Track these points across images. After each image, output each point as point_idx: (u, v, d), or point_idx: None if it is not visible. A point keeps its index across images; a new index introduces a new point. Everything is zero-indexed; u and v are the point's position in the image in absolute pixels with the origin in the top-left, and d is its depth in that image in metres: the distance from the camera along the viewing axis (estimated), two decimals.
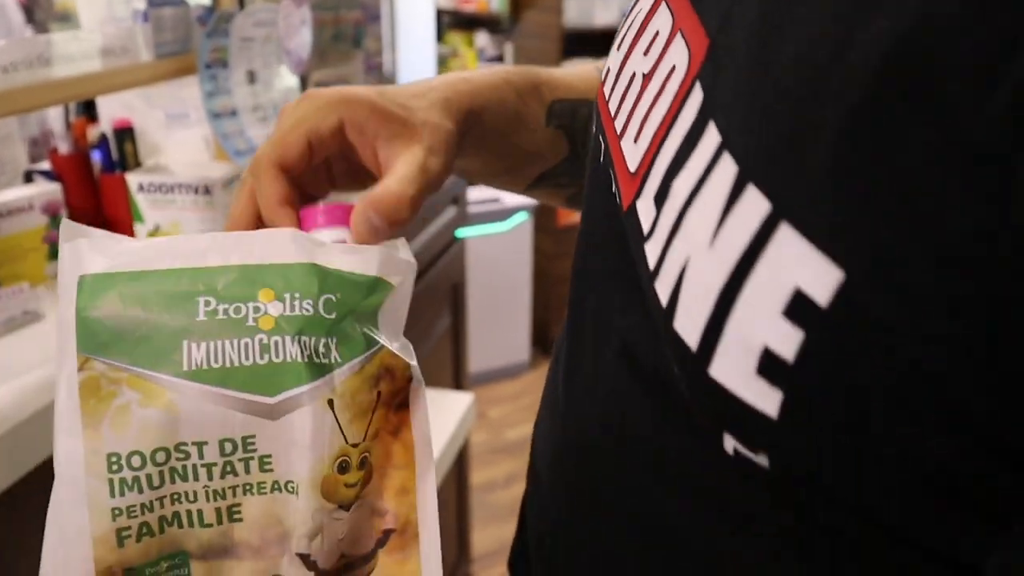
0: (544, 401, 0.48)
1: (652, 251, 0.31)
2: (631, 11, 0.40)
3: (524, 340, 2.97)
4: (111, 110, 1.11)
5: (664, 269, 0.30)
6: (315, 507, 0.32)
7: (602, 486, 0.39)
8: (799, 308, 0.24)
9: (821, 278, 0.24)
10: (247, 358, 0.31)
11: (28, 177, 1.02)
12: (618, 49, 0.39)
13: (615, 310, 0.38)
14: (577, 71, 0.59)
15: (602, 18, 2.94)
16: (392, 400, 0.35)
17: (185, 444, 0.31)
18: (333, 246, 0.36)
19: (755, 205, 0.26)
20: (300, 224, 0.38)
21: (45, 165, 1.06)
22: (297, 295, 0.33)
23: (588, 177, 0.44)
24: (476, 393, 2.80)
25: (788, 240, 0.25)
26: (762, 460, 0.28)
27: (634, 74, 0.36)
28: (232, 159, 0.94)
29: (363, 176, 0.45)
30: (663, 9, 0.35)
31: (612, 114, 0.38)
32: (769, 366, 0.25)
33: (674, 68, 0.32)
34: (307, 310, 0.33)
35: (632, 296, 0.35)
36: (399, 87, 0.45)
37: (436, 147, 0.43)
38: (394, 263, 0.37)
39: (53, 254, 0.96)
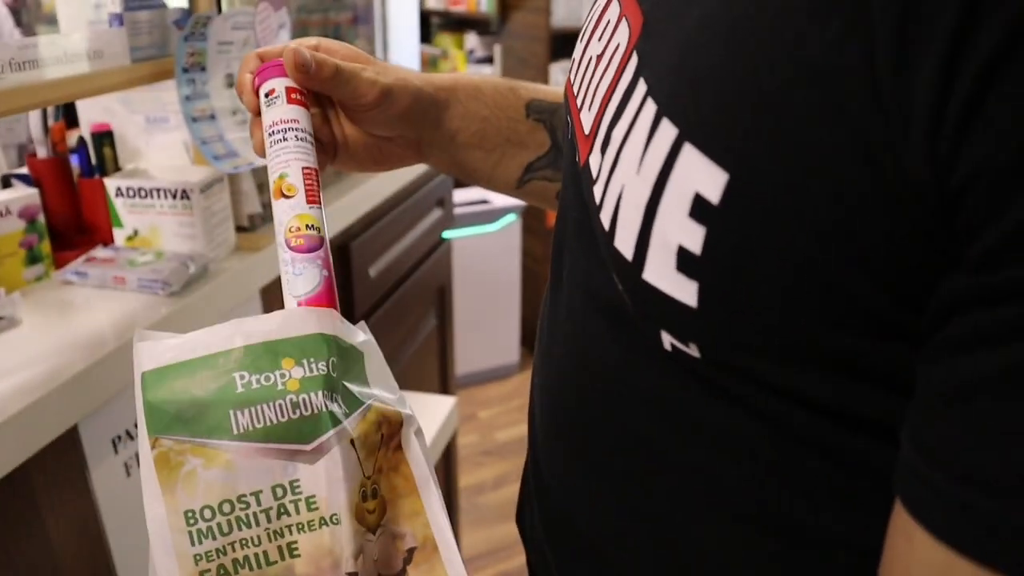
0: (535, 360, 0.53)
1: (597, 190, 0.37)
2: (591, 10, 0.46)
3: (514, 342, 2.96)
4: (91, 114, 1.10)
5: (605, 201, 0.36)
6: (354, 530, 0.39)
7: (578, 414, 0.44)
8: (699, 208, 0.31)
9: (713, 181, 0.30)
10: (283, 415, 0.38)
11: (6, 182, 1.01)
12: (580, 41, 0.46)
13: (580, 259, 0.43)
14: (560, 89, 0.64)
15: None
16: (390, 442, 0.42)
17: (244, 495, 0.38)
18: (329, 318, 0.42)
19: (667, 133, 0.32)
20: (255, 81, 0.51)
21: (24, 169, 1.05)
22: (312, 359, 0.40)
23: (564, 150, 0.51)
24: (466, 395, 2.81)
25: (689, 156, 0.31)
26: (693, 351, 0.33)
27: (591, 58, 0.42)
28: (211, 163, 0.94)
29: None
30: (614, 3, 0.42)
31: (575, 92, 0.44)
32: (685, 262, 0.31)
33: (619, 46, 0.38)
34: (322, 370, 0.39)
35: (591, 244, 0.40)
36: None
37: (386, 74, 0.52)
38: (358, 335, 0.44)
39: (30, 259, 0.96)
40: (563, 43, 2.92)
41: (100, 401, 0.82)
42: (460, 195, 2.72)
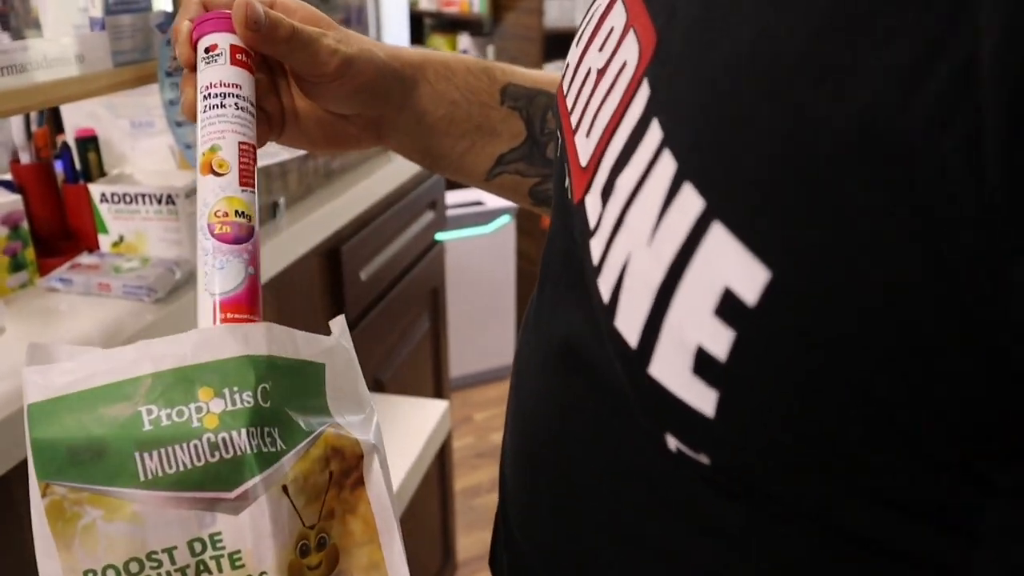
0: (509, 394, 0.48)
1: (597, 247, 0.31)
2: (590, 7, 0.40)
3: (509, 344, 2.96)
4: (75, 119, 1.09)
5: (607, 265, 0.30)
6: None
7: (555, 483, 0.39)
8: (729, 307, 0.25)
9: (750, 277, 0.24)
10: (199, 459, 0.32)
11: None
12: (576, 44, 0.40)
13: (560, 304, 0.38)
14: (544, 71, 0.60)
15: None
16: (344, 480, 0.36)
17: (155, 552, 0.32)
18: (258, 334, 0.35)
19: (690, 203, 0.26)
20: (194, 31, 0.44)
21: (7, 175, 1.04)
22: (236, 389, 0.33)
23: (554, 168, 0.45)
24: (461, 397, 2.80)
25: (720, 239, 0.25)
26: (703, 459, 0.28)
27: (589, 70, 0.36)
28: (195, 167, 0.93)
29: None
30: (618, 6, 0.35)
31: (568, 108, 0.38)
32: (704, 365, 0.26)
33: (625, 64, 0.32)
34: (248, 402, 0.33)
35: (576, 291, 0.35)
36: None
37: (348, 43, 0.47)
38: (317, 344, 0.38)
39: (14, 267, 0.95)
40: (556, 43, 2.92)
41: None
42: (453, 197, 2.71)
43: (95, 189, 0.98)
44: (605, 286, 0.30)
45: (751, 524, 0.29)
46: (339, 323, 0.40)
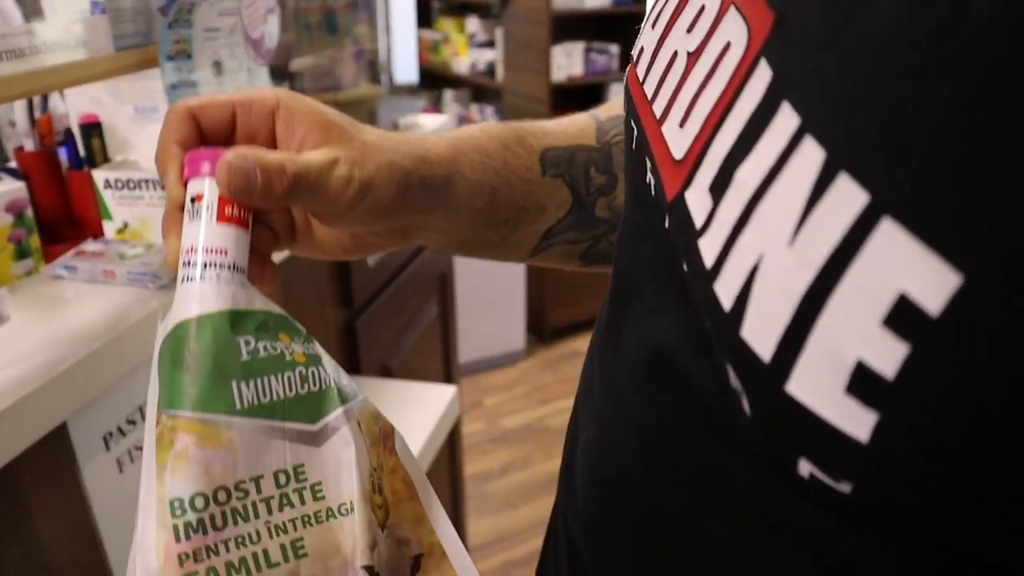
0: (579, 394, 0.44)
1: (709, 247, 0.28)
2: None
3: (519, 328, 2.95)
4: (79, 105, 1.09)
5: (727, 268, 0.27)
6: (368, 520, 0.34)
7: (634, 501, 0.36)
8: (904, 317, 0.21)
9: (933, 282, 0.21)
10: (291, 390, 0.34)
11: None
12: (653, 27, 0.36)
13: (651, 310, 0.34)
14: (566, 120, 0.55)
15: (591, 1, 2.91)
16: (386, 441, 0.38)
17: (243, 481, 0.32)
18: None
19: (849, 197, 0.22)
20: (184, 169, 0.37)
21: (12, 163, 1.04)
22: (304, 341, 0.36)
23: (625, 166, 0.41)
24: (471, 382, 2.80)
25: (891, 238, 0.21)
26: (843, 487, 0.25)
27: (675, 53, 0.32)
28: None
29: None
30: None
31: (649, 97, 0.34)
32: (863, 383, 0.22)
33: (728, 45, 0.28)
34: (307, 343, 0.36)
35: (670, 297, 0.32)
36: (366, 126, 0.42)
37: (363, 163, 0.39)
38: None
39: (19, 254, 0.94)
40: (564, 26, 2.89)
41: (90, 397, 0.81)
42: None
43: (99, 175, 0.97)
44: (726, 291, 0.27)
45: (876, 555, 0.26)
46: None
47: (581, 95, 3.06)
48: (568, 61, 2.93)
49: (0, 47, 0.76)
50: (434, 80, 3.77)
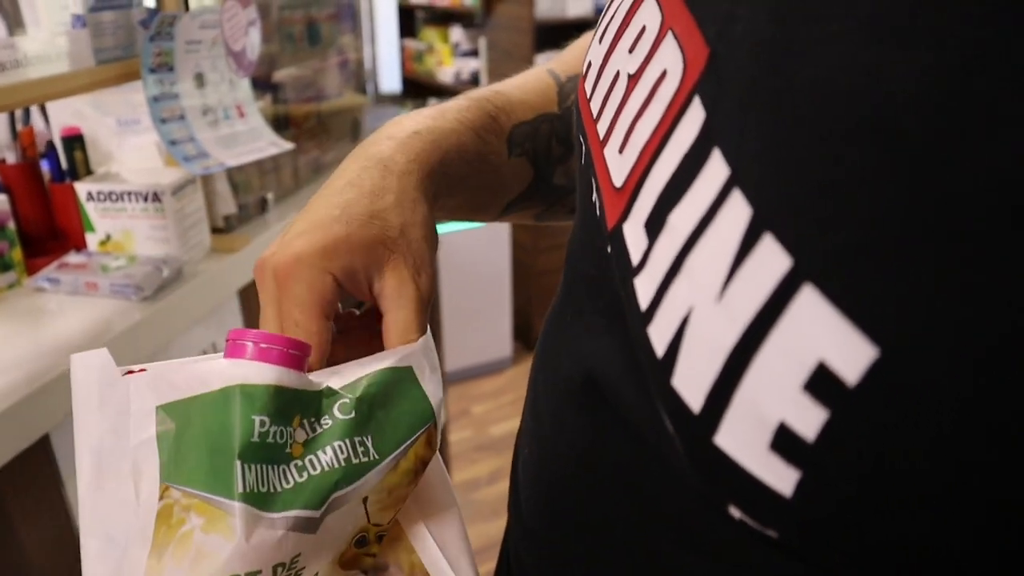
0: (524, 406, 0.44)
1: (644, 289, 0.28)
2: (612, 1, 0.36)
3: (506, 335, 2.96)
4: (61, 118, 1.09)
5: (661, 314, 0.26)
6: None
7: (581, 519, 0.36)
8: (823, 384, 0.21)
9: (851, 353, 0.21)
10: (287, 482, 0.32)
11: None
12: (600, 42, 0.35)
13: (585, 330, 0.34)
14: (531, 84, 0.56)
15: (574, 9, 2.93)
16: (416, 478, 0.36)
17: (238, 575, 0.30)
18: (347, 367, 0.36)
19: (773, 259, 0.22)
20: (227, 347, 0.34)
21: None
22: (315, 420, 0.33)
23: (577, 177, 0.41)
24: (459, 390, 2.80)
25: (812, 305, 0.21)
26: (771, 533, 0.25)
27: (618, 73, 0.32)
28: (181, 165, 0.92)
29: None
30: (650, 1, 0.31)
31: (595, 115, 0.34)
32: (785, 443, 0.23)
33: (665, 73, 0.28)
34: (326, 424, 0.33)
35: (606, 320, 0.32)
36: (358, 191, 0.40)
37: (421, 262, 0.40)
38: (401, 351, 0.37)
39: (2, 267, 0.94)
40: (547, 34, 2.91)
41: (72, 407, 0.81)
42: None
43: (82, 187, 0.98)
44: (659, 338, 0.27)
45: None
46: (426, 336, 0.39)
47: None
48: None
49: None
50: (419, 89, 3.78)
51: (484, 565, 0.40)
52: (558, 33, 2.96)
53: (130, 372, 0.32)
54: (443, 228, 2.62)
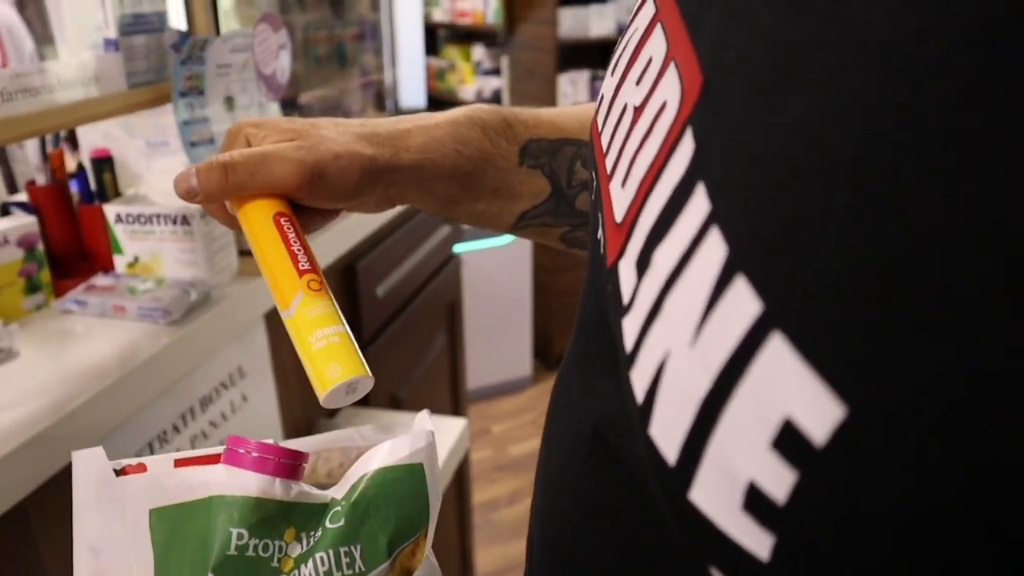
0: (540, 450, 0.43)
1: (630, 330, 0.26)
2: (627, 31, 0.35)
3: (526, 355, 2.94)
4: (91, 139, 1.09)
5: (641, 357, 0.25)
6: None
7: (576, 570, 0.35)
8: (790, 443, 0.20)
9: (819, 411, 0.19)
10: None
11: (4, 210, 1.00)
12: (612, 74, 0.35)
13: (593, 377, 0.33)
14: (573, 111, 0.56)
15: (597, 29, 2.93)
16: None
17: None
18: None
19: (744, 303, 0.21)
20: (224, 454, 0.34)
21: (23, 196, 1.04)
22: (313, 533, 0.32)
23: (590, 214, 0.40)
24: (478, 409, 2.78)
25: (780, 355, 0.20)
26: None
27: (625, 106, 0.31)
28: None
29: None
30: (658, 32, 0.29)
31: (604, 149, 0.33)
32: (757, 504, 0.21)
33: (665, 105, 0.27)
34: (315, 536, 0.32)
35: (609, 365, 0.30)
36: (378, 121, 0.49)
37: (314, 149, 0.45)
38: (412, 443, 0.36)
39: (30, 288, 0.94)
40: (570, 54, 2.91)
41: (100, 435, 0.81)
42: None
43: (110, 209, 0.97)
44: (639, 383, 0.25)
45: None
46: (424, 414, 0.38)
47: None
48: (573, 89, 2.94)
49: (14, 86, 0.76)
50: (440, 107, 3.78)
51: None
52: (581, 52, 2.97)
53: (129, 468, 0.32)
54: (465, 247, 2.62)
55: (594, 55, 3.07)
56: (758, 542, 0.21)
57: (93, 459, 0.31)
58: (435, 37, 3.78)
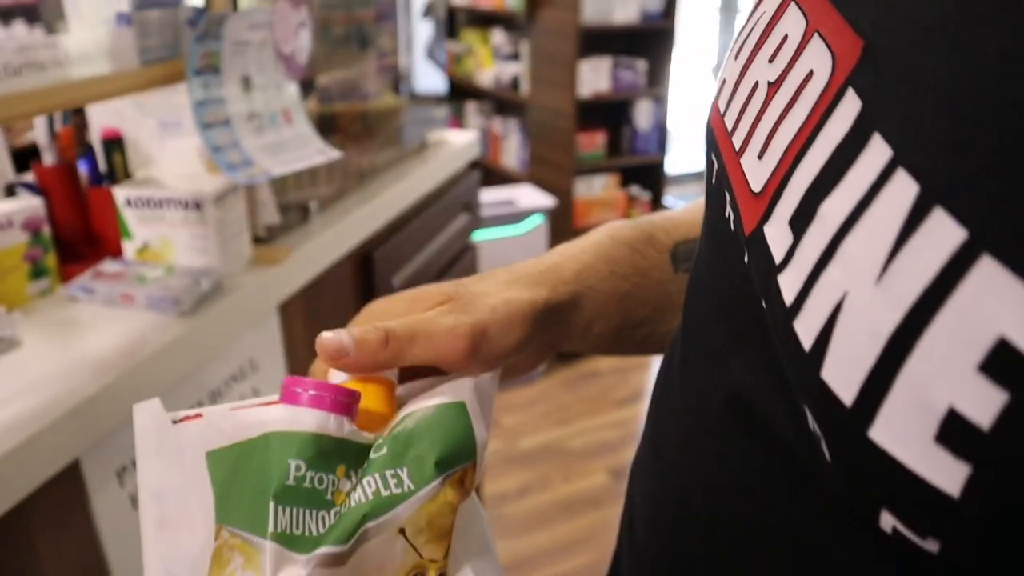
0: (646, 428, 0.43)
1: (789, 284, 0.27)
2: (750, 18, 0.35)
3: None
4: (101, 118, 1.04)
5: (808, 306, 0.25)
6: None
7: (705, 555, 0.35)
8: (1003, 363, 0.20)
9: None
10: (323, 527, 0.32)
11: (10, 190, 0.96)
12: (735, 58, 0.35)
13: (724, 351, 0.34)
14: (698, 204, 0.54)
15: (621, 15, 2.87)
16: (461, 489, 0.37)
17: None
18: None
19: (945, 232, 0.21)
20: (282, 393, 0.36)
21: (30, 177, 1.00)
22: (361, 469, 0.34)
23: (705, 203, 0.40)
24: None
25: (991, 277, 0.20)
26: (930, 546, 0.23)
27: (756, 83, 0.32)
28: (225, 173, 0.88)
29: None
30: (792, 10, 0.30)
31: (729, 129, 0.34)
32: (955, 433, 0.21)
33: (811, 74, 0.28)
34: (363, 471, 0.34)
35: (748, 337, 0.31)
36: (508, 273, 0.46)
37: (472, 309, 0.41)
38: (459, 387, 0.39)
39: (35, 273, 0.90)
40: (592, 40, 2.85)
41: (104, 430, 0.76)
42: (484, 195, 2.66)
43: (120, 192, 0.93)
44: (805, 330, 0.25)
45: None
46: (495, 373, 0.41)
47: (607, 111, 3.02)
48: (595, 76, 2.89)
49: (19, 60, 0.71)
50: (457, 92, 3.73)
51: None
52: (603, 39, 2.90)
53: (187, 418, 0.33)
54: (481, 234, 2.57)
55: (616, 42, 3.01)
56: (949, 475, 0.21)
57: (151, 410, 0.33)
58: (454, 20, 3.72)
